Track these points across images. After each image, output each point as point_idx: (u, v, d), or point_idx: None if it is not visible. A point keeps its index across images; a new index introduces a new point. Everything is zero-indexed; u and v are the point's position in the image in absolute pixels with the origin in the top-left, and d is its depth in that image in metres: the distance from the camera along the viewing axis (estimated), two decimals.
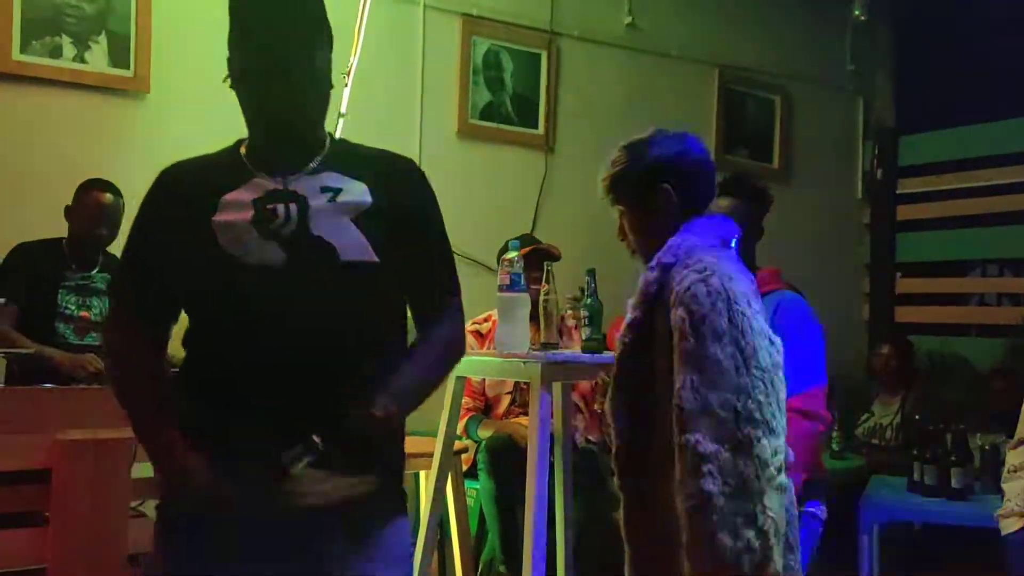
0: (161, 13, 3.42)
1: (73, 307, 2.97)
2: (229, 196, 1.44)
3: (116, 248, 3.09)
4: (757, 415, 1.51)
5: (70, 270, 2.99)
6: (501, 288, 2.43)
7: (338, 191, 1.46)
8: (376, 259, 1.43)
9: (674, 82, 4.71)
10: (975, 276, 5.32)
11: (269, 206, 1.43)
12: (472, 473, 3.10)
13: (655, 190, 1.72)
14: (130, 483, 2.37)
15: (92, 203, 3.00)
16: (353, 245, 1.43)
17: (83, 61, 3.32)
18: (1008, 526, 2.65)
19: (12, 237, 3.09)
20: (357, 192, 1.47)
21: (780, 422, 1.55)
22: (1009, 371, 4.34)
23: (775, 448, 1.52)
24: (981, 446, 3.38)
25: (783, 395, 1.58)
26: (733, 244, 1.77)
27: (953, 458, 3.27)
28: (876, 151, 5.42)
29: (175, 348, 1.54)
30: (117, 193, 3.05)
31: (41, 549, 2.25)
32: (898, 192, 5.39)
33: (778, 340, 1.61)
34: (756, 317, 1.57)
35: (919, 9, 5.08)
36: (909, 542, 3.86)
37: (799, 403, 2.44)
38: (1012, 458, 2.71)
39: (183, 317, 1.51)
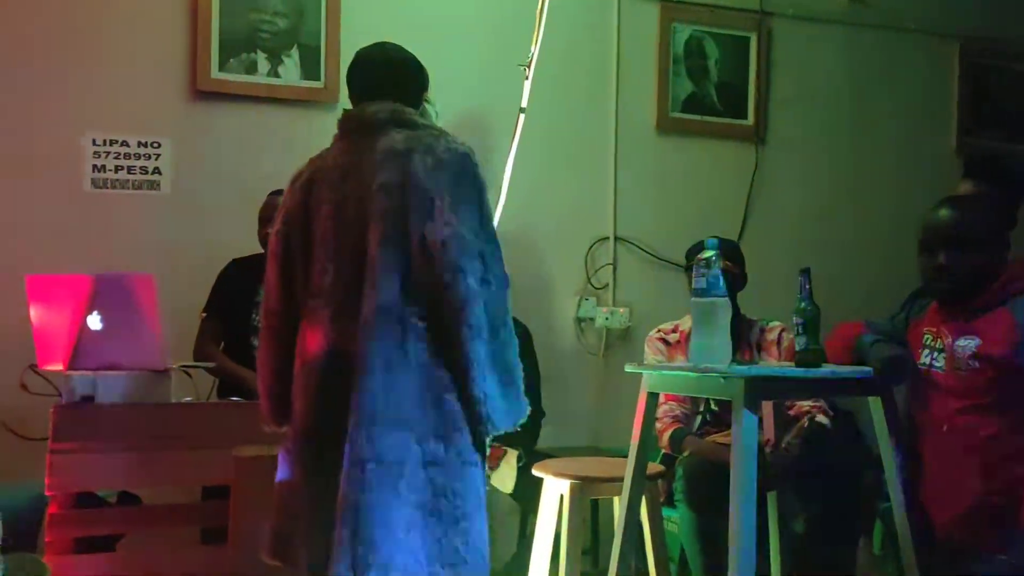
0: (349, 25, 3.39)
1: None
2: None
3: None
4: None
5: (262, 284, 2.97)
6: (696, 292, 2.13)
7: None
8: None
9: (906, 59, 4.19)
10: None
11: None
12: (671, 501, 2.78)
13: None
14: None
15: (269, 207, 2.88)
16: None
17: (276, 76, 3.35)
18: None
19: (213, 249, 3.15)
20: None
21: None
22: None
23: None
24: None
25: None
26: None
27: None
28: None
29: None
30: None
31: (222, 565, 2.21)
32: None
33: None
34: None
35: None
36: None
37: None
38: None
39: None
